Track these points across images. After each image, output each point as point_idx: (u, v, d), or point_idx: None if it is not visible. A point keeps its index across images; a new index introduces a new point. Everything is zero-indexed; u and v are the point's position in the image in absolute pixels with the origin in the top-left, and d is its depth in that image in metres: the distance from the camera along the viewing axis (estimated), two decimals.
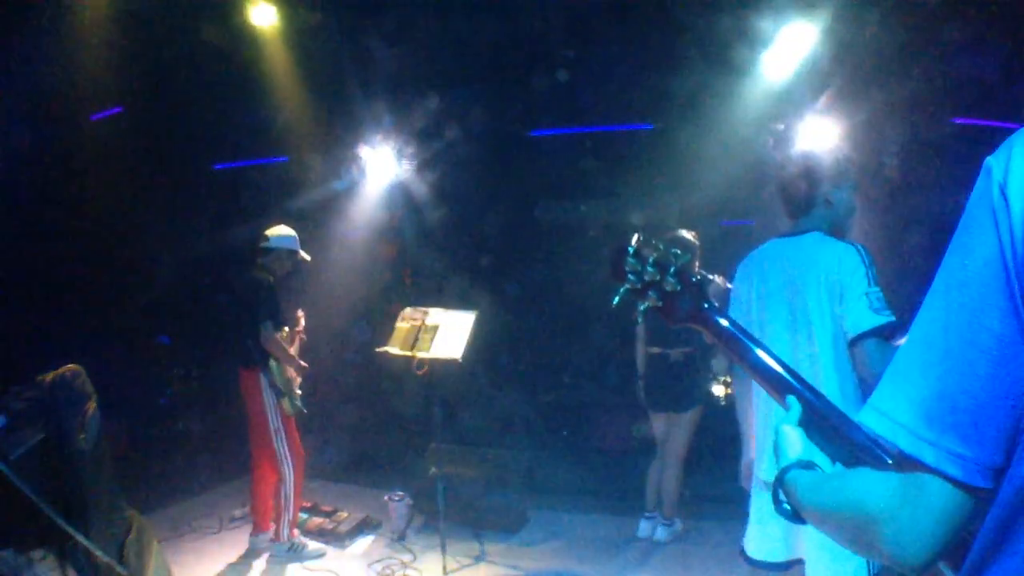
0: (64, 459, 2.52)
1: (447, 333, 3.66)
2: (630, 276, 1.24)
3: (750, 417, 2.29)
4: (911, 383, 0.69)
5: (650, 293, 1.23)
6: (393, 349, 3.77)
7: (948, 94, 4.49)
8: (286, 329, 3.96)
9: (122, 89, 5.12)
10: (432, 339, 3.68)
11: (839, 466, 0.97)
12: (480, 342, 3.81)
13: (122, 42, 4.55)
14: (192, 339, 6.32)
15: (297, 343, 4.07)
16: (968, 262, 0.67)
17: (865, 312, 1.92)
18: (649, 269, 1.23)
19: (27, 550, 2.29)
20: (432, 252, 6.35)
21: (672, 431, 4.04)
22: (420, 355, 3.66)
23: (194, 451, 5.83)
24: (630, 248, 1.25)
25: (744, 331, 1.16)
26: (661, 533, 4.10)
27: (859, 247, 2.02)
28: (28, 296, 4.97)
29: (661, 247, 1.25)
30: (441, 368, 3.76)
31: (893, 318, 1.91)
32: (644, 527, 4.17)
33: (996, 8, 3.97)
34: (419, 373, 3.70)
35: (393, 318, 3.92)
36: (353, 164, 6.07)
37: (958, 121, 4.74)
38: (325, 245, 5.74)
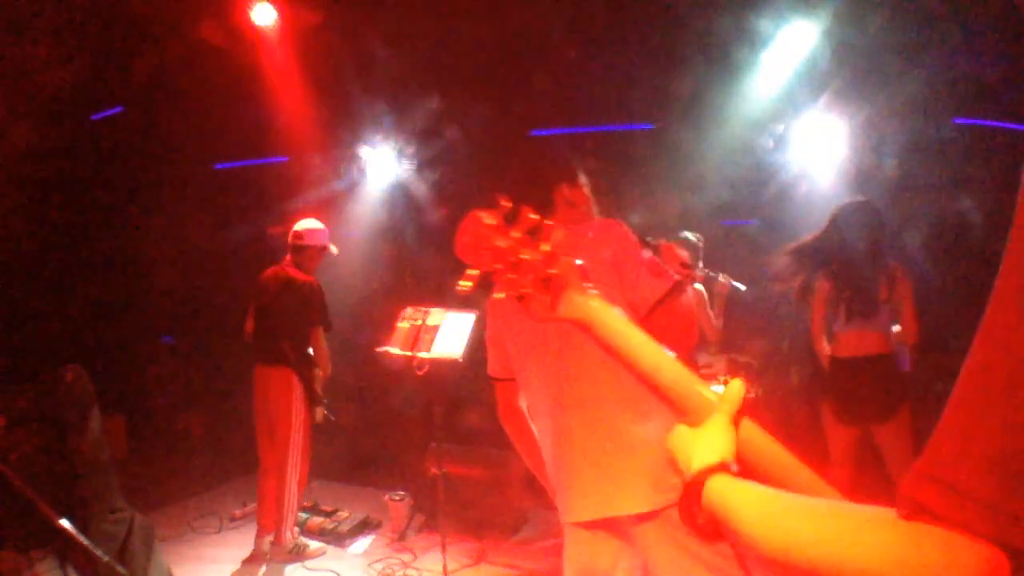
0: (64, 459, 2.52)
1: (447, 333, 3.66)
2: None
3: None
4: (977, 437, 0.53)
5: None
6: (393, 349, 3.77)
7: (948, 94, 4.49)
8: None
9: (122, 89, 5.12)
10: (432, 339, 3.67)
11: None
12: (480, 342, 3.80)
13: (122, 42, 4.55)
14: (192, 339, 6.32)
15: None
16: None
17: None
18: None
19: (27, 550, 2.29)
20: (432, 252, 6.34)
21: None
22: (420, 355, 3.66)
23: (194, 451, 5.83)
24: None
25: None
26: None
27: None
28: (29, 296, 4.97)
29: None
30: (441, 368, 3.76)
31: None
32: None
33: (996, 8, 3.97)
34: (419, 373, 3.70)
35: (393, 318, 3.92)
36: (353, 164, 6.07)
37: (958, 121, 4.74)
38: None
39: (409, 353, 3.70)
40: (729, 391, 0.86)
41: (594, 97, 5.64)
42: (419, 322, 3.77)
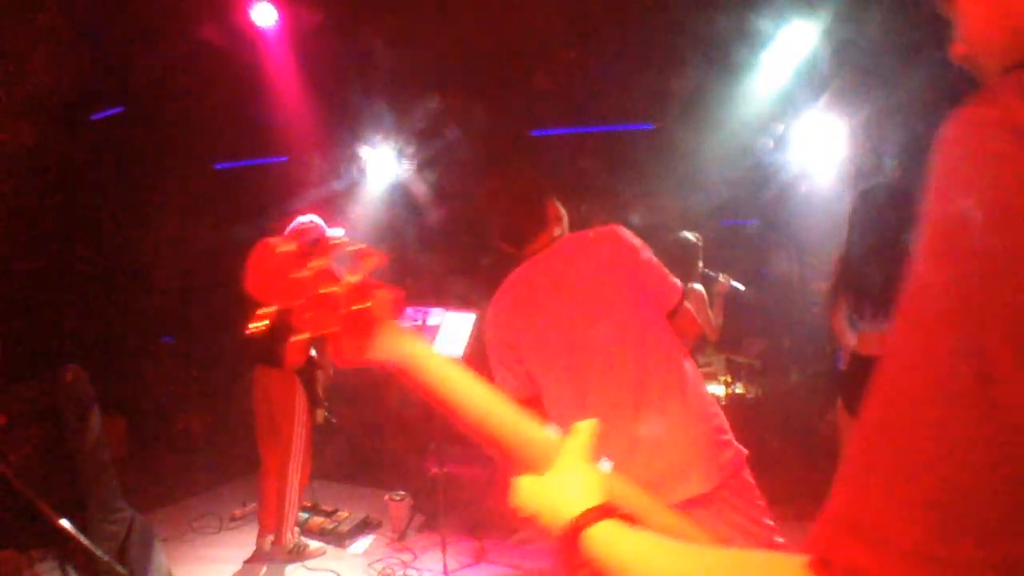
0: (64, 459, 2.52)
1: (447, 333, 3.66)
2: None
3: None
4: (902, 477, 0.44)
5: None
6: None
7: (948, 94, 4.49)
8: None
9: (122, 89, 5.12)
10: (432, 339, 3.68)
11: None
12: (480, 342, 3.80)
13: (122, 42, 4.55)
14: (192, 339, 6.32)
15: None
16: (964, 269, 0.43)
17: None
18: None
19: (27, 550, 2.29)
20: (432, 252, 6.34)
21: None
22: None
23: (194, 451, 5.83)
24: None
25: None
26: None
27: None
28: (29, 296, 4.97)
29: None
30: None
31: None
32: None
33: None
34: None
35: None
36: (353, 164, 6.07)
37: None
38: None
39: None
40: (579, 428, 0.76)
41: (594, 97, 5.64)
42: (419, 322, 3.78)
